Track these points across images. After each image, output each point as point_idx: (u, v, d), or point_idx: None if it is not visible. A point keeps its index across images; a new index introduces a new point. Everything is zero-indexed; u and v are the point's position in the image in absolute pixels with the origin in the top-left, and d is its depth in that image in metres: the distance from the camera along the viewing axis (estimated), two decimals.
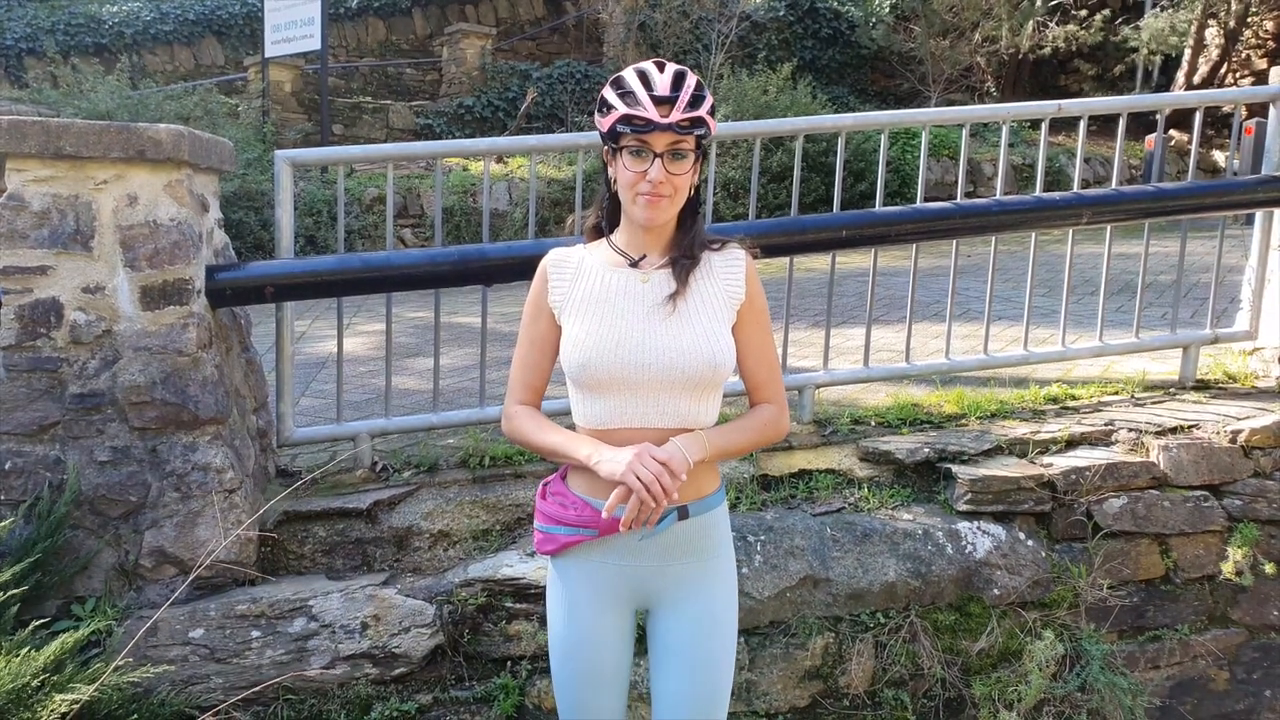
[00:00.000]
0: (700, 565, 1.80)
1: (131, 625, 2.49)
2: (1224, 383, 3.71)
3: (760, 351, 1.81)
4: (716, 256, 1.79)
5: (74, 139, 2.52)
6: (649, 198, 1.68)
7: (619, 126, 1.67)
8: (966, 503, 2.99)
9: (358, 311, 6.15)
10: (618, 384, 1.71)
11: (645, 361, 1.70)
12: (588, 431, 1.77)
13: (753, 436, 1.81)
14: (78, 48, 12.02)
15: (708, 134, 1.71)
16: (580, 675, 1.84)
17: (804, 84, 10.00)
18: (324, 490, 3.06)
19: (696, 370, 1.70)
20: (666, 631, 1.82)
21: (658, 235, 1.77)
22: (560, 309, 1.80)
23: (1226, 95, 4.23)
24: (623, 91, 1.68)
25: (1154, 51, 12.01)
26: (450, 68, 12.33)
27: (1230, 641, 3.09)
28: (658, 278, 1.76)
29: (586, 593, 1.81)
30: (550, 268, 1.83)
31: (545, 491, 1.86)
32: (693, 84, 1.68)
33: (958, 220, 3.35)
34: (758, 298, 1.80)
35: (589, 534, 1.77)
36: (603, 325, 1.73)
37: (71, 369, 2.60)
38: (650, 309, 1.74)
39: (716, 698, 1.81)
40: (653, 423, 1.72)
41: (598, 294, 1.77)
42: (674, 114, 1.64)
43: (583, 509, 1.77)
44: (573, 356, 1.74)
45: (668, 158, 1.67)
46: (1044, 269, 4.40)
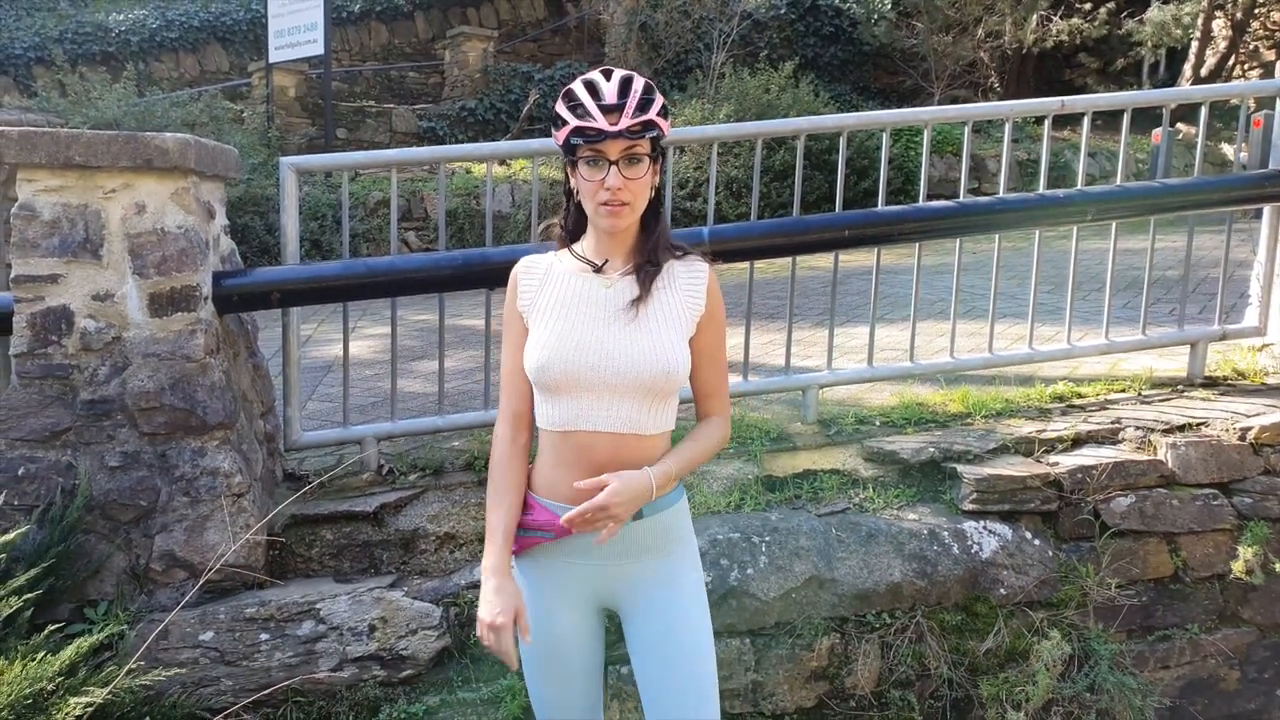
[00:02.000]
0: (661, 563, 1.83)
1: (143, 629, 2.51)
2: (1233, 379, 3.69)
3: (713, 364, 1.86)
4: (680, 266, 1.82)
5: (83, 149, 2.55)
6: (609, 207, 1.71)
7: (572, 139, 1.70)
8: (972, 502, 2.98)
9: (363, 315, 6.17)
10: (574, 386, 1.75)
11: (600, 365, 1.73)
12: (547, 433, 1.80)
13: (708, 455, 1.89)
14: (85, 56, 12.07)
15: (661, 136, 1.74)
16: (549, 674, 1.88)
17: (806, 82, 10.00)
18: (331, 494, 3.07)
19: (650, 377, 1.73)
20: (638, 631, 1.85)
21: (621, 240, 1.80)
22: (528, 314, 1.84)
23: (1233, 89, 4.20)
24: (572, 104, 1.71)
25: (1159, 45, 11.97)
26: (452, 70, 12.36)
27: (1241, 641, 3.07)
28: (620, 284, 1.79)
29: (549, 592, 1.84)
30: (520, 274, 1.87)
31: None
32: (640, 88, 1.70)
33: (961, 219, 3.36)
34: (717, 311, 1.84)
35: (546, 536, 1.80)
36: (563, 329, 1.77)
37: (82, 375, 2.62)
38: (611, 314, 1.77)
39: (701, 689, 1.82)
40: (608, 426, 1.75)
41: (562, 299, 1.80)
42: (623, 120, 1.67)
43: (540, 512, 1.81)
44: (532, 358, 1.78)
45: (623, 164, 1.69)
46: (1049, 266, 4.39)
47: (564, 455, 1.78)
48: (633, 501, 1.72)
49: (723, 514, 2.97)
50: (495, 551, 1.79)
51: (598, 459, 1.76)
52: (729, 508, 3.00)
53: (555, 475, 1.80)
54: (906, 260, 4.42)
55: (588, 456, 1.76)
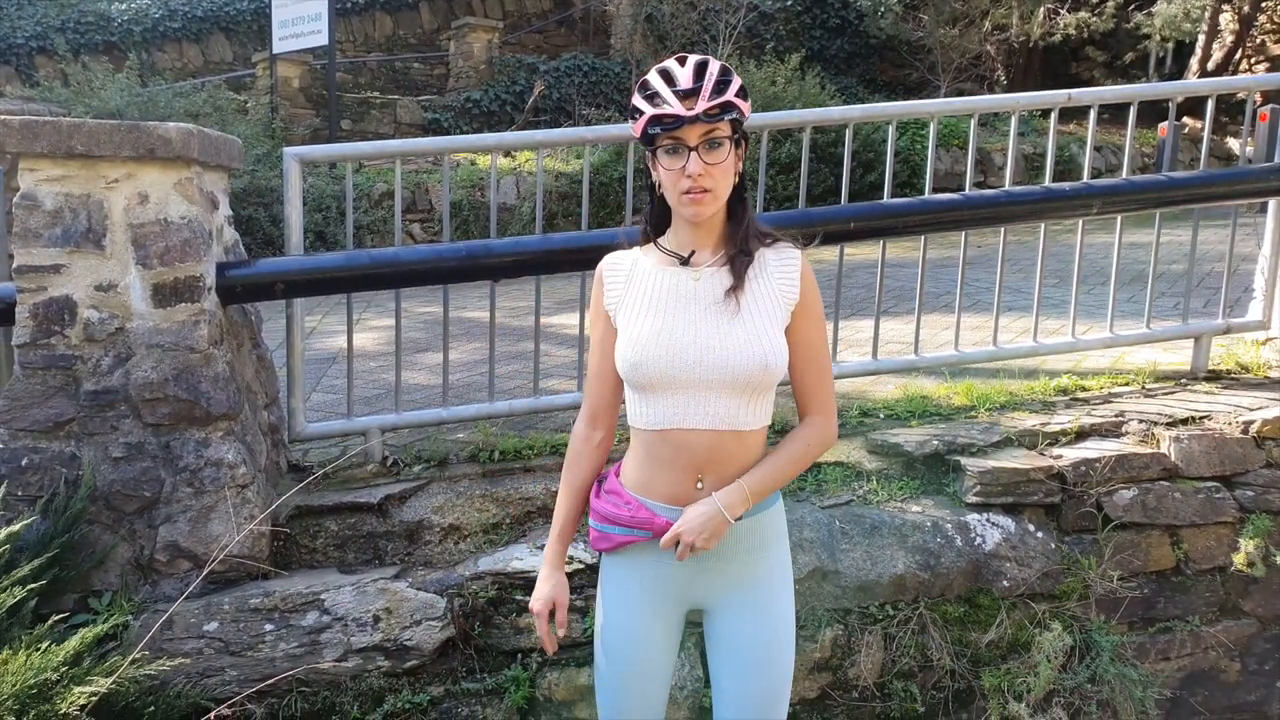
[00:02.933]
0: (753, 564, 1.81)
1: (147, 619, 2.52)
2: (1236, 373, 3.69)
3: (812, 355, 1.79)
4: (770, 254, 1.77)
5: (85, 138, 2.54)
6: (693, 195, 1.68)
7: (650, 129, 1.67)
8: (975, 495, 2.98)
9: (367, 307, 6.17)
10: (669, 384, 1.71)
11: (696, 361, 1.70)
12: (641, 431, 1.78)
13: (801, 464, 1.81)
14: (87, 46, 12.07)
15: (741, 117, 1.70)
16: (626, 672, 1.85)
17: (812, 74, 9.97)
18: (335, 485, 3.08)
19: (748, 371, 1.69)
20: (724, 631, 1.83)
21: (708, 230, 1.76)
22: (615, 311, 1.81)
23: (1239, 83, 4.19)
24: (649, 93, 1.68)
25: (1166, 38, 11.89)
26: (457, 61, 12.32)
27: (1242, 633, 3.08)
28: (709, 275, 1.75)
29: (639, 591, 1.82)
30: (605, 272, 1.84)
31: (599, 490, 1.87)
32: (716, 70, 1.67)
33: (966, 211, 3.35)
34: (812, 300, 1.77)
35: (643, 535, 1.78)
36: (654, 325, 1.73)
37: (85, 366, 2.63)
38: (702, 308, 1.73)
39: (775, 694, 1.82)
40: (705, 424, 1.72)
41: (650, 295, 1.77)
42: (699, 104, 1.63)
43: (638, 509, 1.78)
44: (624, 357, 1.75)
45: (703, 149, 1.66)
46: (1054, 259, 4.38)
47: (660, 454, 1.75)
48: (711, 534, 1.70)
49: None
50: (551, 543, 1.90)
51: (695, 457, 1.73)
52: None
53: (651, 474, 1.77)
54: (911, 253, 4.41)
55: (685, 455, 1.73)
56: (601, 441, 1.89)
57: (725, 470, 1.73)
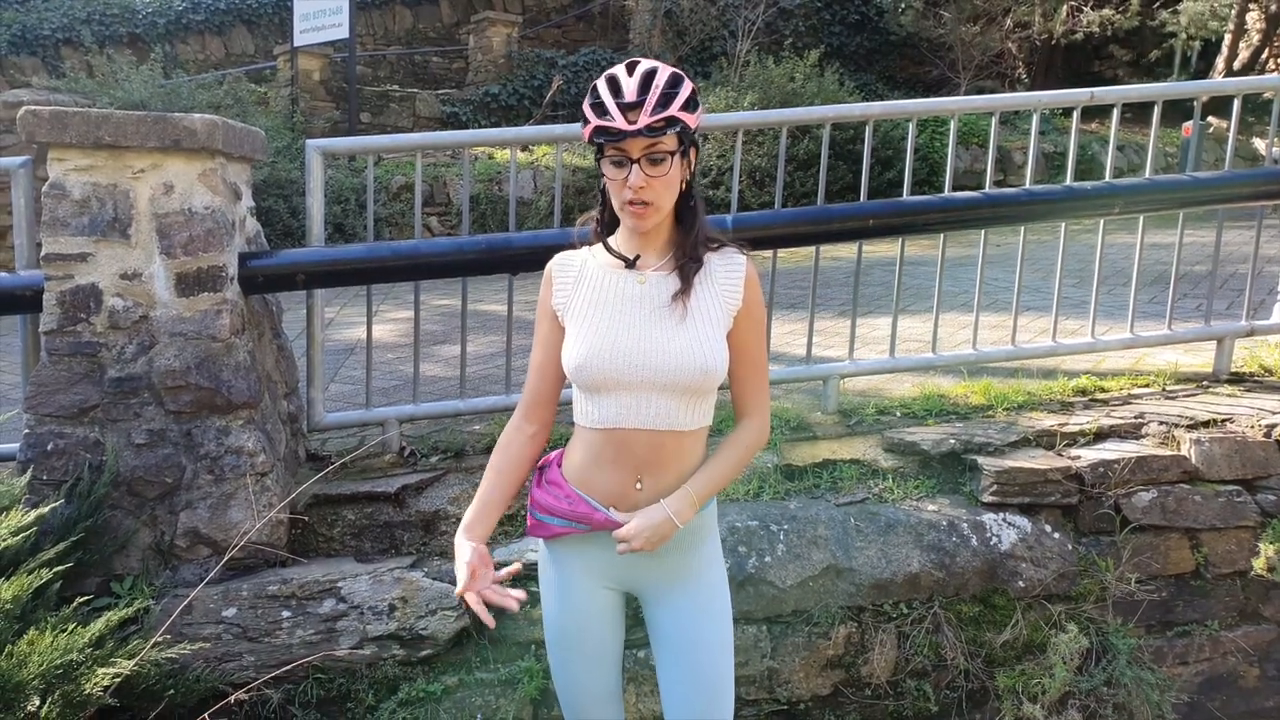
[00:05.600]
0: (687, 557, 1.84)
1: (168, 604, 2.55)
2: (1259, 376, 3.66)
3: (751, 359, 1.82)
4: (716, 260, 1.78)
5: (113, 129, 2.57)
6: (633, 208, 1.69)
7: (594, 138, 1.67)
8: (992, 494, 2.97)
9: (385, 299, 6.21)
10: (612, 385, 1.74)
11: (639, 364, 1.72)
12: (588, 430, 1.80)
13: (740, 467, 1.85)
14: (112, 38, 12.18)
15: (686, 129, 1.68)
16: (574, 653, 1.90)
17: (831, 71, 9.92)
18: (353, 474, 3.10)
19: (689, 376, 1.72)
20: (660, 622, 1.87)
21: (654, 235, 1.77)
22: (563, 312, 1.82)
23: (1266, 82, 4.13)
24: (594, 102, 1.67)
25: (1193, 36, 11.76)
26: (476, 56, 12.35)
27: (1262, 638, 3.05)
28: (655, 279, 1.77)
29: (578, 574, 1.86)
30: (555, 271, 1.85)
31: (540, 478, 1.89)
32: (663, 81, 1.65)
33: (987, 210, 3.33)
34: (756, 306, 1.80)
35: (581, 529, 1.81)
36: (599, 327, 1.76)
37: (110, 353, 2.66)
38: (647, 312, 1.75)
39: (717, 683, 1.85)
40: (646, 424, 1.75)
41: (597, 297, 1.79)
42: (642, 118, 1.62)
43: (578, 504, 1.81)
44: (570, 358, 1.78)
45: (645, 162, 1.65)
46: (1074, 259, 4.35)
47: (603, 452, 1.78)
48: (655, 535, 1.73)
49: (741, 502, 2.98)
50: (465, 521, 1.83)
51: (636, 456, 1.76)
52: (748, 496, 3.01)
53: (593, 471, 1.79)
54: (929, 251, 4.39)
55: (626, 453, 1.76)
56: (535, 435, 1.89)
57: (665, 470, 1.77)
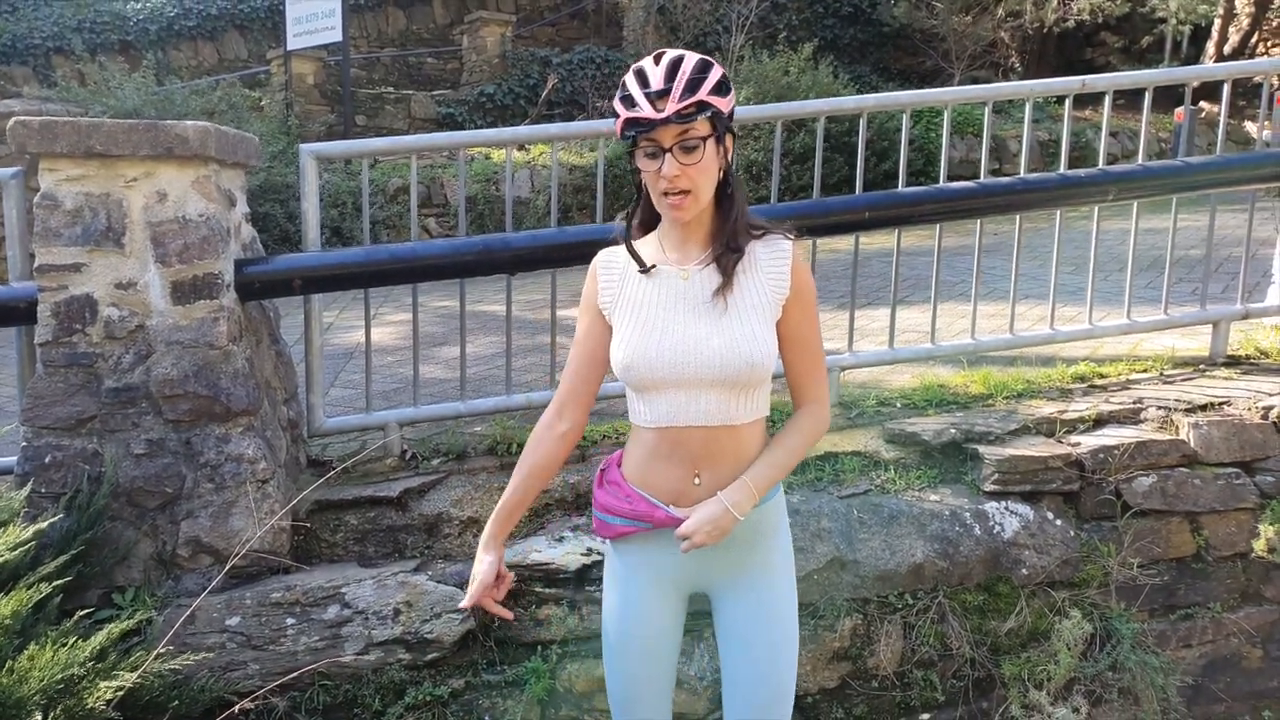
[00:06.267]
0: (755, 553, 1.83)
1: (170, 614, 2.54)
2: (1255, 358, 3.66)
3: (805, 346, 1.79)
4: (760, 247, 1.75)
5: (104, 138, 2.57)
6: (670, 199, 1.67)
7: (626, 132, 1.66)
8: (993, 483, 2.97)
9: (384, 301, 6.20)
10: (660, 384, 1.73)
11: (685, 361, 1.71)
12: (642, 429, 1.80)
13: (799, 455, 1.82)
14: (104, 45, 12.14)
15: (719, 114, 1.66)
16: (635, 654, 1.88)
17: (825, 64, 9.90)
18: (355, 479, 3.10)
19: (735, 370, 1.70)
20: (726, 619, 1.86)
21: (696, 226, 1.75)
22: (610, 310, 1.82)
23: (1256, 66, 4.14)
24: (624, 95, 1.67)
25: (1182, 22, 11.74)
26: (470, 56, 12.33)
27: (1264, 619, 3.06)
28: (698, 274, 1.75)
29: (644, 576, 1.85)
30: (599, 269, 1.84)
31: (601, 479, 1.89)
32: (689, 68, 1.63)
33: (981, 199, 3.33)
34: (804, 291, 1.76)
35: (643, 527, 1.80)
36: (645, 326, 1.75)
37: (106, 363, 2.65)
38: (692, 307, 1.73)
39: (781, 683, 1.84)
40: (699, 420, 1.73)
41: (642, 295, 1.77)
42: (670, 105, 1.61)
43: (638, 502, 1.80)
44: (617, 358, 1.77)
45: (677, 151, 1.64)
46: (1070, 246, 4.35)
47: (658, 450, 1.77)
48: (715, 529, 1.71)
49: None
50: (489, 525, 1.87)
51: (692, 452, 1.75)
52: None
53: (651, 469, 1.79)
54: (927, 242, 4.39)
55: (682, 451, 1.75)
56: (566, 434, 1.86)
57: (722, 464, 1.75)
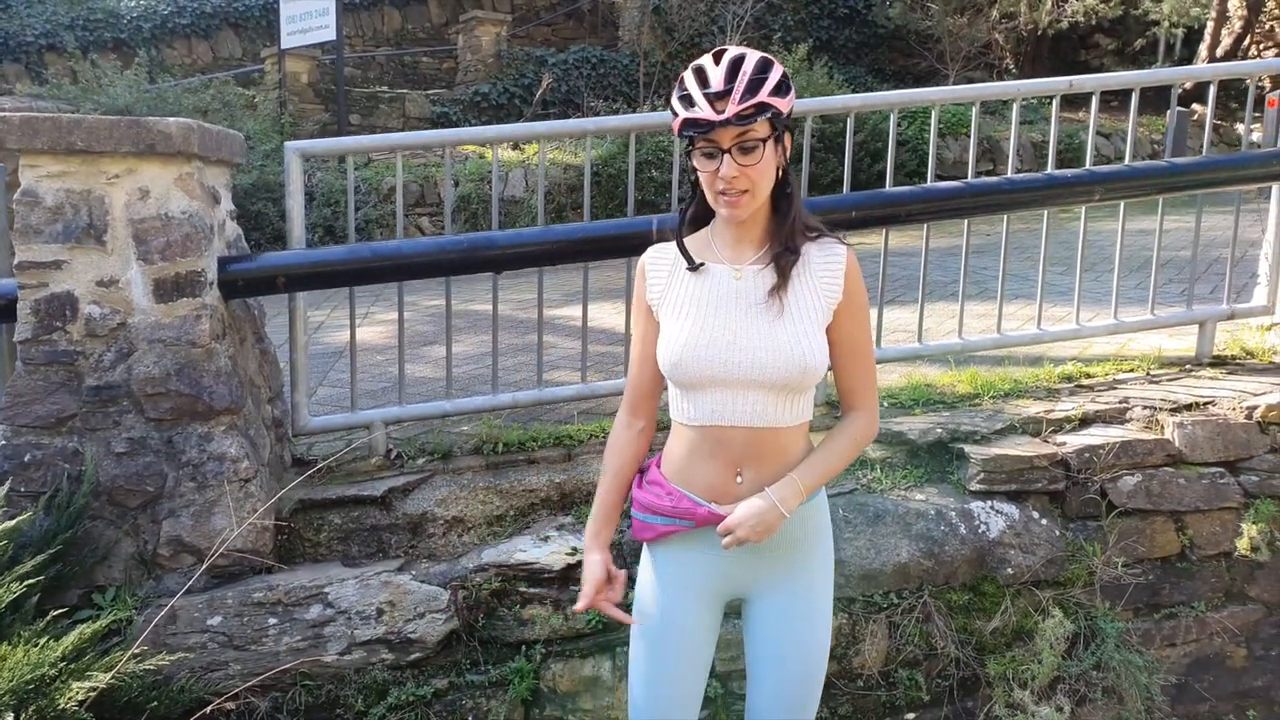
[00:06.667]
0: (794, 555, 1.81)
1: (150, 614, 2.53)
2: (1241, 358, 3.67)
3: (856, 353, 1.78)
4: (814, 250, 1.74)
5: (85, 134, 2.55)
6: (727, 198, 1.66)
7: (684, 132, 1.66)
8: (979, 482, 2.97)
9: (376, 300, 6.19)
10: (708, 383, 1.72)
11: (734, 361, 1.70)
12: (685, 427, 1.79)
13: (847, 458, 1.81)
14: (96, 43, 12.12)
15: (779, 115, 1.66)
16: (661, 658, 1.86)
17: (820, 65, 9.92)
18: (339, 478, 3.09)
19: (785, 372, 1.69)
20: (763, 624, 1.84)
21: (750, 226, 1.75)
22: (658, 306, 1.81)
23: (1243, 68, 4.15)
24: (682, 94, 1.66)
25: (1175, 24, 11.77)
26: (466, 55, 12.32)
27: (1248, 618, 3.06)
28: (751, 273, 1.74)
29: (682, 582, 1.83)
30: (648, 266, 1.84)
31: (642, 480, 1.88)
32: (750, 68, 1.62)
33: (968, 199, 3.33)
34: (857, 296, 1.76)
35: (685, 525, 1.78)
36: (695, 323, 1.74)
37: (87, 362, 2.64)
38: (744, 308, 1.72)
39: (808, 687, 1.84)
40: (743, 421, 1.73)
41: (693, 292, 1.77)
42: (730, 107, 1.60)
43: (680, 500, 1.78)
44: (665, 355, 1.76)
45: (736, 151, 1.63)
46: (1059, 246, 4.35)
47: (700, 448, 1.76)
48: (766, 529, 1.70)
49: None
50: (590, 526, 1.89)
51: (734, 452, 1.74)
52: None
53: (692, 466, 1.78)
54: (916, 242, 4.38)
55: (724, 450, 1.74)
56: (643, 430, 1.89)
57: (764, 465, 1.74)
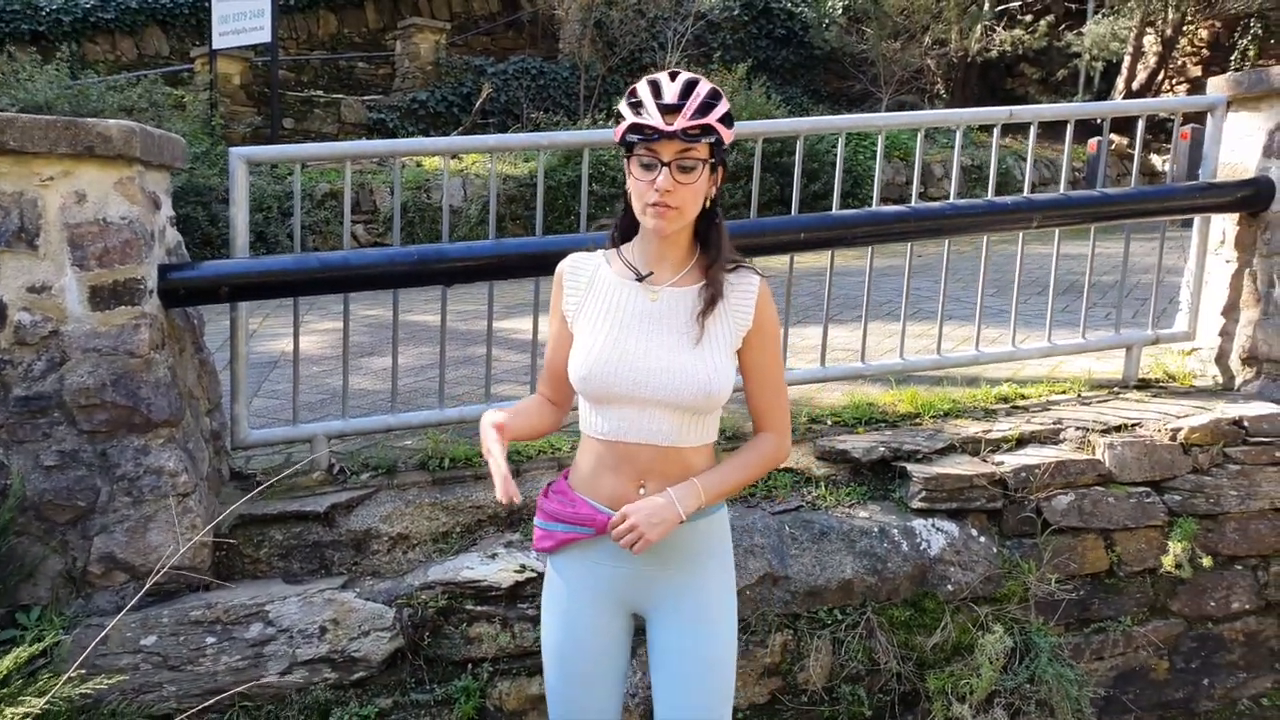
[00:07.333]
0: (694, 571, 1.82)
1: (79, 634, 2.43)
2: (1164, 382, 3.83)
3: (767, 378, 1.82)
4: (731, 279, 1.78)
5: (18, 133, 2.45)
6: (657, 208, 1.68)
7: (629, 136, 1.68)
8: (921, 500, 3.05)
9: (311, 309, 6.04)
10: (616, 398, 1.74)
11: (643, 380, 1.72)
12: (592, 439, 1.81)
13: (753, 474, 1.86)
14: (13, 35, 11.62)
15: (720, 143, 1.70)
16: (573, 674, 1.86)
17: (758, 84, 10.07)
18: (280, 493, 3.01)
19: (691, 395, 1.72)
20: (661, 636, 1.84)
21: (672, 245, 1.77)
22: (573, 317, 1.82)
23: (1169, 104, 4.37)
24: (633, 101, 1.69)
25: (1095, 57, 12.33)
26: (403, 62, 12.18)
27: (1170, 632, 3.19)
28: (667, 295, 1.77)
29: (582, 593, 1.84)
30: (566, 275, 1.85)
31: (548, 490, 1.90)
32: (704, 92, 1.67)
33: (913, 223, 3.42)
34: (767, 325, 1.80)
35: (585, 531, 1.80)
36: (607, 340, 1.75)
37: (16, 371, 2.53)
38: (657, 327, 1.75)
39: (714, 703, 1.83)
40: (650, 439, 1.75)
41: (608, 307, 1.78)
42: (679, 121, 1.64)
43: (581, 506, 1.80)
44: (575, 367, 1.78)
45: (675, 167, 1.66)
46: (994, 269, 4.49)
47: (606, 461, 1.78)
48: (660, 524, 1.70)
49: None
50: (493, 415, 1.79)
51: (639, 467, 1.76)
52: None
53: (598, 478, 1.80)
54: (856, 262, 4.48)
55: (629, 465, 1.76)
56: (553, 413, 1.94)
57: (668, 481, 1.76)
